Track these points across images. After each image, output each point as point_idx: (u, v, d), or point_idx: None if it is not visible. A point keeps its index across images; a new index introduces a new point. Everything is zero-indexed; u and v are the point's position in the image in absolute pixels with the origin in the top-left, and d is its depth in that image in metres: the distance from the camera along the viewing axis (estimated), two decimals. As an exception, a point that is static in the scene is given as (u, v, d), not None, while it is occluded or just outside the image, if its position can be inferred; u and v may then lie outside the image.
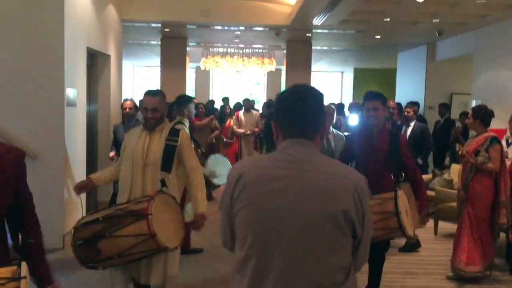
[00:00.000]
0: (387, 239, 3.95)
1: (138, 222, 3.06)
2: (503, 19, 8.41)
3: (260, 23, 10.24)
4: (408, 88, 12.94)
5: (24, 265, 2.03)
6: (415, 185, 4.06)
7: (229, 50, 14.59)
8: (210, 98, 15.22)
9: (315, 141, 1.79)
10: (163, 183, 3.40)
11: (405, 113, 6.81)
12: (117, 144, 6.17)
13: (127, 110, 6.46)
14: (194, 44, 13.67)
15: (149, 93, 3.61)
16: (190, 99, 5.75)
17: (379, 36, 10.90)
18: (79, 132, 6.35)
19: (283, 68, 16.34)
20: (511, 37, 8.38)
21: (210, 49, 14.50)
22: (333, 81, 20.60)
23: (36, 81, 5.64)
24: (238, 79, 21.30)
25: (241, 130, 10.00)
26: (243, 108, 10.35)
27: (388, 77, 16.23)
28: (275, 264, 1.66)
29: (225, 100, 11.52)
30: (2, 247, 2.29)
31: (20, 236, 2.33)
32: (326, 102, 7.37)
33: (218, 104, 13.65)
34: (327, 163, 1.79)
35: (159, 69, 12.48)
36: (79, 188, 3.65)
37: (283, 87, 18.24)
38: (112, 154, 6.37)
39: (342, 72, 20.53)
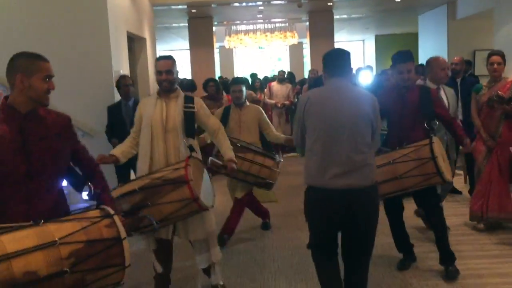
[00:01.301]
0: (427, 186, 3.92)
1: (179, 189, 3.23)
2: (521, -28, 8.56)
3: (281, -4, 10.56)
4: (431, 49, 13.11)
5: (108, 208, 2.39)
6: (452, 132, 4.16)
7: (251, 27, 14.97)
8: (236, 76, 15.61)
9: (347, 79, 3.15)
10: (191, 148, 3.56)
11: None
12: (116, 127, 5.57)
13: (128, 87, 5.61)
14: (216, 23, 14.06)
15: (162, 58, 3.72)
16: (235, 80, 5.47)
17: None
18: (127, 110, 6.87)
19: (305, 41, 16.65)
20: (530, -12, 8.51)
21: (232, 27, 14.90)
22: (354, 50, 20.78)
23: (86, 65, 6.16)
24: (260, 56, 21.64)
25: (272, 101, 9.99)
26: (277, 79, 10.48)
27: (410, 42, 16.33)
28: (333, 142, 3.00)
29: (254, 75, 11.77)
30: (65, 202, 2.56)
31: (91, 186, 2.63)
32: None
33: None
34: (355, 89, 3.23)
35: (184, 52, 12.92)
36: (101, 159, 3.43)
37: (305, 61, 18.56)
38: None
39: (363, 41, 20.67)
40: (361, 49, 20.96)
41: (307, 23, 13.51)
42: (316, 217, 3.13)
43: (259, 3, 11.21)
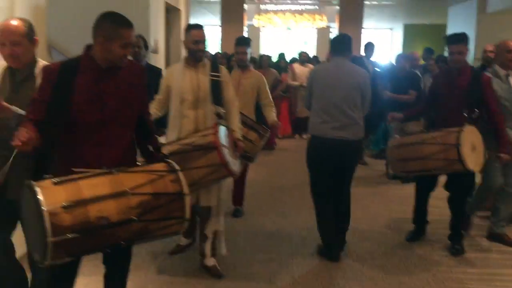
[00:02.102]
0: (450, 171, 4.04)
1: (209, 154, 3.30)
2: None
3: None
4: (458, 42, 13.14)
5: (174, 163, 2.49)
6: (494, 128, 4.09)
7: (281, 7, 15.14)
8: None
9: (347, 57, 4.06)
10: (219, 115, 3.59)
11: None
12: None
13: (137, 49, 4.64)
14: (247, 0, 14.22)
15: (196, 26, 3.66)
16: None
17: (430, -11, 11.17)
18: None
19: (332, 25, 16.78)
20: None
21: (262, 6, 15.07)
22: (382, 39, 20.76)
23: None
24: (286, 38, 21.75)
25: (296, 83, 10.00)
26: (299, 60, 10.55)
27: (438, 33, 16.29)
28: (331, 104, 3.92)
29: (281, 55, 11.82)
30: (134, 151, 2.64)
31: (147, 143, 2.73)
32: (378, 59, 7.84)
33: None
34: (351, 65, 4.10)
35: (213, 28, 13.13)
36: None
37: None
38: None
39: (391, 29, 20.64)
40: (389, 38, 20.93)
41: (337, 7, 13.62)
42: (315, 158, 4.07)
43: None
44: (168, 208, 2.32)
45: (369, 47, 8.53)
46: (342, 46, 4.08)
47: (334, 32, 17.40)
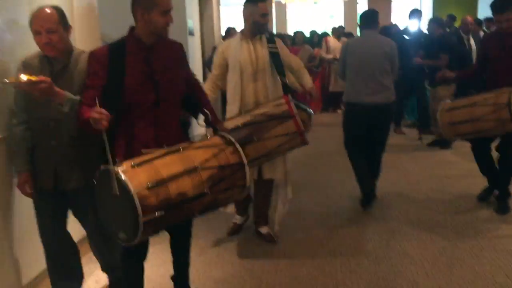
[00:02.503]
0: (502, 132, 4.04)
1: (284, 123, 3.37)
2: None
3: None
4: (491, 5, 12.82)
5: (228, 135, 2.59)
6: None
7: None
8: (288, 32, 15.65)
9: (375, 30, 4.50)
10: (286, 86, 3.65)
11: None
12: None
13: None
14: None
15: (262, 0, 3.65)
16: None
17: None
18: (197, 59, 7.42)
19: (360, -4, 16.60)
20: None
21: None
22: (411, 7, 20.30)
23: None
24: (312, 13, 21.59)
25: (330, 56, 9.93)
26: (334, 34, 10.55)
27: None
28: (364, 72, 4.33)
29: (313, 32, 11.80)
30: (181, 131, 2.68)
31: (207, 112, 2.75)
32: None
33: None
34: (380, 37, 4.57)
35: (240, 7, 13.10)
36: None
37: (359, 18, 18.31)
38: None
39: (420, -4, 20.17)
40: (417, 4, 20.50)
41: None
42: (350, 122, 4.54)
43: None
44: (232, 178, 2.45)
45: (414, 14, 8.40)
46: (370, 20, 4.54)
47: (361, 4, 17.22)
